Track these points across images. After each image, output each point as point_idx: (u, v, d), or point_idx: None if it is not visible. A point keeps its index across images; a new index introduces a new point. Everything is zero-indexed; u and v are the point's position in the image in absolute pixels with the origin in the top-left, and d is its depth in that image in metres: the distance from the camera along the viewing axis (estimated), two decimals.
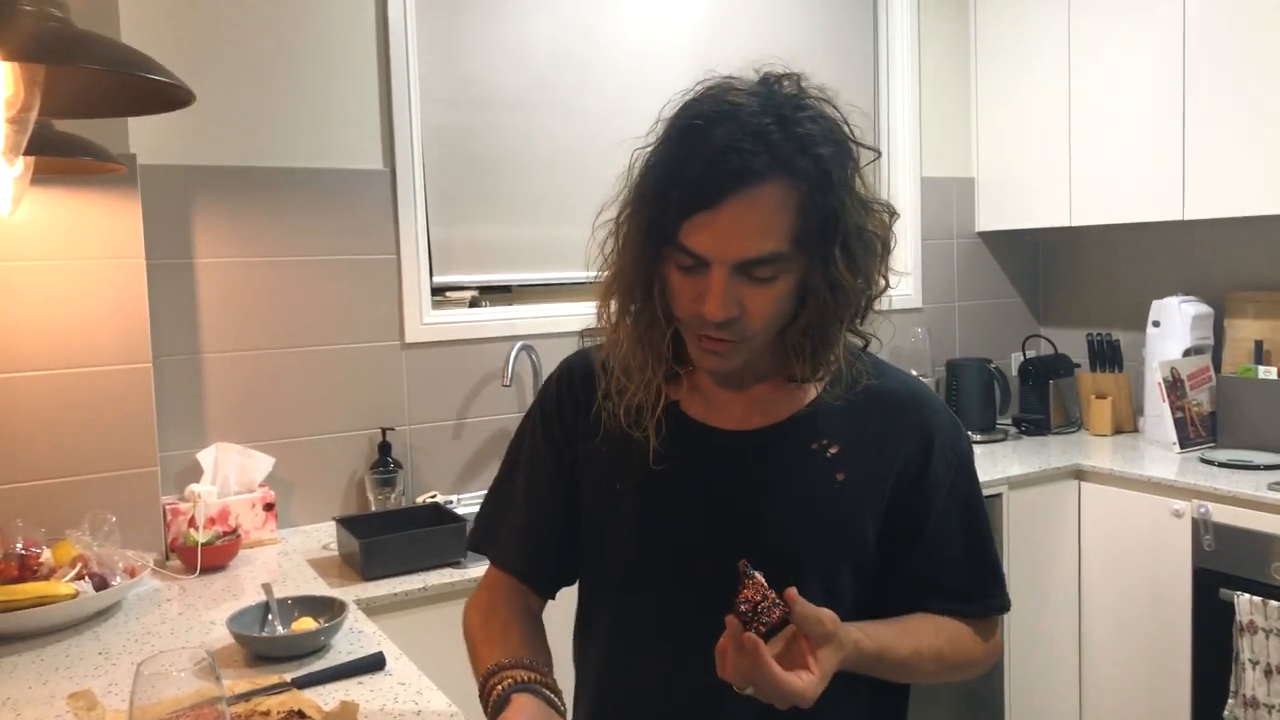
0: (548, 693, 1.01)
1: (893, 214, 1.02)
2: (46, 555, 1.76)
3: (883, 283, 1.02)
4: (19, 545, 1.75)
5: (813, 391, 1.08)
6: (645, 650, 1.11)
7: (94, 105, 1.29)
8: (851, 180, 0.96)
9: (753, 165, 0.90)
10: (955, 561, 1.09)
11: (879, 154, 0.99)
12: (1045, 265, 3.58)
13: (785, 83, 0.97)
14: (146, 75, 1.00)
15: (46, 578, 1.72)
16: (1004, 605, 1.13)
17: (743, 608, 0.91)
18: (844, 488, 1.05)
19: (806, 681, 0.91)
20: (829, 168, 0.93)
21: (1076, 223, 3.06)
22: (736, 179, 0.91)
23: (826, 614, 0.94)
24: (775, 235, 0.92)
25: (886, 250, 1.02)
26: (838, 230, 0.95)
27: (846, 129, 0.98)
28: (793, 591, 0.91)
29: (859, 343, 1.09)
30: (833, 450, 1.06)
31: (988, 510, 1.14)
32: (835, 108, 0.99)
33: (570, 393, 1.16)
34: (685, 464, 1.08)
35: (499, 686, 1.00)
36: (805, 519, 1.05)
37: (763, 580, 0.92)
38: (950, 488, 1.09)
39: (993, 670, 2.66)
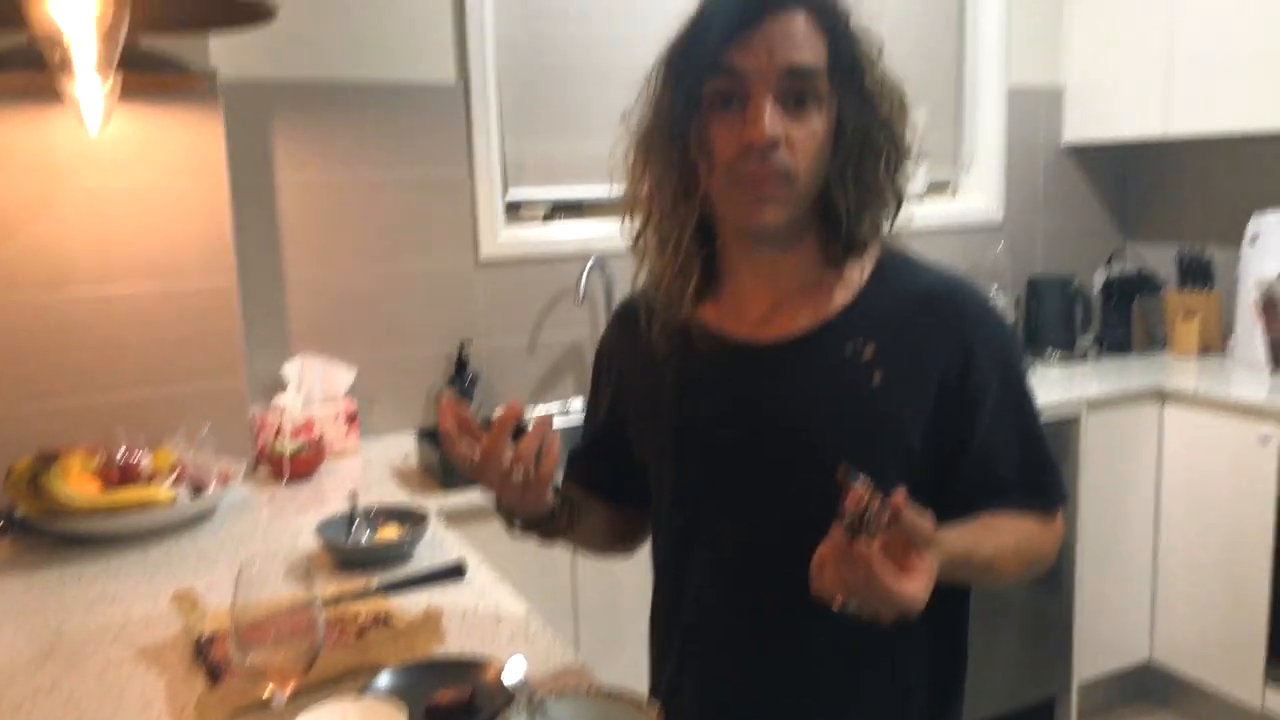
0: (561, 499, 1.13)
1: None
2: (146, 461, 1.84)
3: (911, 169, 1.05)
4: (121, 452, 1.83)
5: (846, 294, 1.06)
6: (681, 564, 1.15)
7: (179, 20, 1.30)
8: (874, 52, 1.03)
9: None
10: (1014, 458, 1.07)
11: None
12: (1134, 178, 3.42)
13: None
14: None
15: (147, 483, 1.81)
16: (1065, 494, 1.12)
17: (849, 516, 0.85)
18: (882, 390, 1.03)
19: (917, 587, 0.86)
20: (855, 23, 1.01)
21: (1174, 132, 2.90)
22: (775, 3, 0.98)
23: (928, 516, 0.89)
24: (812, 51, 0.98)
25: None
26: (864, 73, 1.01)
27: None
28: (902, 493, 0.85)
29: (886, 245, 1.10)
30: (868, 351, 1.04)
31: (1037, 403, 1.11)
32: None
33: (616, 327, 1.24)
34: (718, 381, 1.09)
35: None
36: (845, 425, 1.03)
37: (870, 484, 0.85)
38: (1001, 383, 1.06)
39: (1062, 592, 2.67)
